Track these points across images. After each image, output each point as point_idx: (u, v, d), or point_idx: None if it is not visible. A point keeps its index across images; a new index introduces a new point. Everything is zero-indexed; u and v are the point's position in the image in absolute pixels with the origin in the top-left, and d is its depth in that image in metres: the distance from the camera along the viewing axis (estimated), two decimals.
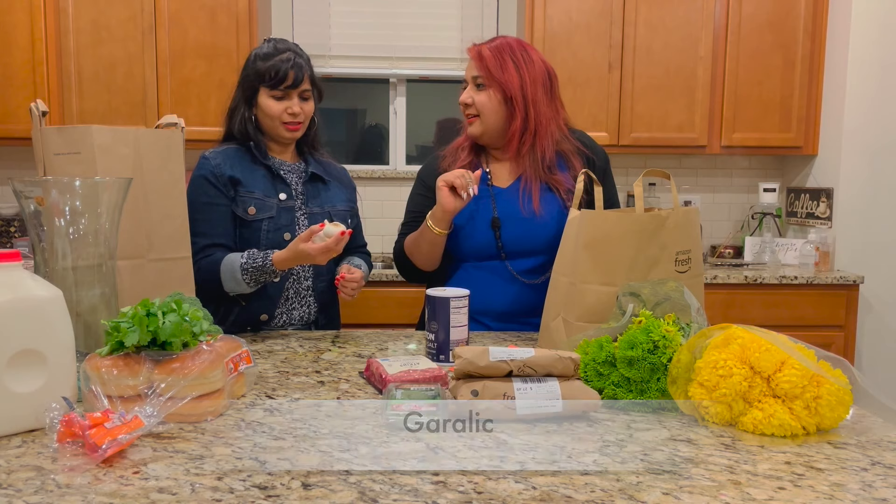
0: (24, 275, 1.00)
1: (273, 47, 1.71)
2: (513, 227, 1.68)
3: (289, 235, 1.71)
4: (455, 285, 1.72)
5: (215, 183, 1.69)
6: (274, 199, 1.72)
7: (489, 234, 1.69)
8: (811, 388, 0.99)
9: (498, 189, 1.73)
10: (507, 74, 1.65)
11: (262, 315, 1.73)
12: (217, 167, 1.70)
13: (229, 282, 1.63)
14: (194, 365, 1.00)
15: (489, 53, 1.66)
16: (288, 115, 1.70)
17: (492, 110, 1.67)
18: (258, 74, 1.70)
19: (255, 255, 1.62)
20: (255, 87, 1.71)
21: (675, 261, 1.34)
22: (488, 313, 1.71)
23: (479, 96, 1.68)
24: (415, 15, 3.57)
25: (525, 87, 1.66)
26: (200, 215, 1.66)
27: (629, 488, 0.82)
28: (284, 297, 1.75)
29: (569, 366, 1.06)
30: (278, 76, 1.67)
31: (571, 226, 1.38)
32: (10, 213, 3.26)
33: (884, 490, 0.83)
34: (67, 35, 3.02)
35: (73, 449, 0.89)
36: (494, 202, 1.71)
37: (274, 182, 1.74)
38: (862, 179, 3.19)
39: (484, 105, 1.67)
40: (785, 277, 3.00)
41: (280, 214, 1.72)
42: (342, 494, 0.79)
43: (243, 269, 1.61)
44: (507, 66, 1.65)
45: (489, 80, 1.66)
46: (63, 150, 1.32)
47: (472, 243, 1.70)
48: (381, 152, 3.71)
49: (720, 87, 3.27)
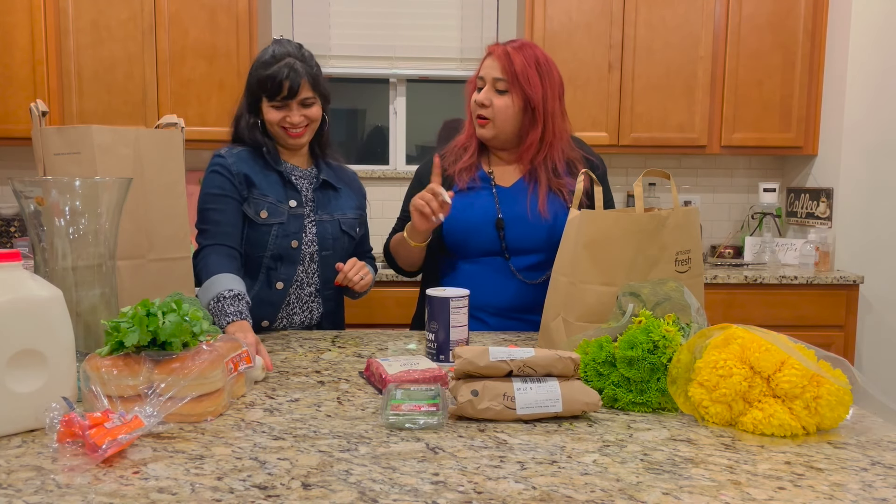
0: (24, 275, 1.00)
1: (272, 54, 1.67)
2: (517, 227, 1.69)
3: (296, 243, 1.71)
4: (452, 280, 1.74)
5: (230, 178, 1.67)
6: (285, 206, 1.70)
7: (493, 233, 1.70)
8: (811, 388, 0.99)
9: (501, 188, 1.73)
10: (534, 85, 1.64)
11: (262, 322, 1.73)
12: (234, 164, 1.68)
13: (201, 294, 1.57)
14: (194, 365, 1.00)
15: (519, 59, 1.64)
16: (287, 123, 1.68)
17: (509, 117, 1.67)
18: (258, 84, 1.68)
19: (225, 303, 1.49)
20: (257, 96, 1.70)
21: (675, 261, 1.34)
22: (486, 309, 1.71)
23: (499, 100, 1.66)
24: (415, 15, 3.58)
25: (546, 99, 1.66)
26: (213, 205, 1.65)
27: (629, 488, 0.82)
28: (285, 302, 1.74)
29: (569, 366, 1.06)
30: (273, 88, 1.65)
31: (571, 226, 1.38)
32: (10, 213, 3.26)
33: (884, 490, 0.83)
34: (67, 35, 3.02)
35: (73, 449, 0.89)
36: (498, 202, 1.71)
37: (285, 188, 1.72)
38: (862, 179, 3.19)
39: (502, 110, 1.67)
40: (785, 277, 3.00)
41: (290, 221, 1.70)
42: (342, 494, 0.79)
43: (215, 298, 1.50)
44: (534, 77, 1.64)
45: (513, 86, 1.65)
46: (63, 150, 1.32)
47: (476, 242, 1.71)
48: (381, 152, 3.71)
49: (720, 87, 3.27)
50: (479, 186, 1.74)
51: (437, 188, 1.56)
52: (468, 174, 1.74)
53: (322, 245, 1.75)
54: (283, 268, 1.71)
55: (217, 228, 1.64)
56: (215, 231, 1.64)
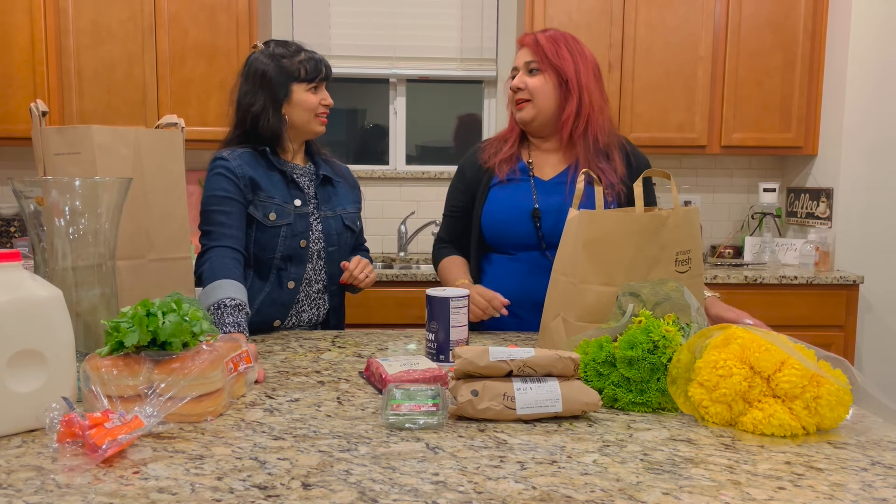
0: (24, 275, 1.00)
1: (289, 46, 1.74)
2: (554, 218, 1.70)
3: (304, 242, 1.72)
4: (491, 277, 1.77)
5: (235, 181, 1.66)
6: (290, 206, 1.71)
7: (530, 225, 1.70)
8: (811, 388, 0.99)
9: (539, 180, 1.75)
10: (563, 59, 1.70)
11: (274, 321, 1.73)
12: (238, 167, 1.67)
13: (202, 296, 1.55)
14: (194, 365, 1.00)
15: (545, 40, 1.72)
16: (323, 106, 1.74)
17: (546, 94, 1.71)
18: (289, 73, 1.69)
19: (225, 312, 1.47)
20: (286, 84, 1.70)
21: (675, 261, 1.34)
22: (524, 304, 1.71)
23: (533, 80, 1.72)
24: (415, 15, 3.57)
25: (579, 72, 1.71)
26: (218, 207, 1.63)
27: (629, 488, 0.82)
28: (296, 299, 1.75)
29: (569, 366, 1.06)
30: (312, 70, 1.71)
31: (571, 225, 1.38)
32: (10, 213, 3.26)
33: (884, 490, 0.83)
34: (67, 35, 3.02)
35: (73, 449, 0.89)
36: (536, 193, 1.73)
37: (289, 188, 1.73)
38: (862, 179, 3.19)
39: (538, 88, 1.71)
40: (785, 277, 3.00)
41: (297, 221, 1.71)
42: (342, 494, 0.79)
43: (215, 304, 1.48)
44: (563, 52, 1.71)
45: (544, 65, 1.71)
46: (63, 150, 1.32)
47: (512, 234, 1.72)
48: (381, 152, 3.71)
49: (720, 87, 3.27)
50: (518, 178, 1.76)
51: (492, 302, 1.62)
52: (508, 165, 1.77)
53: (328, 241, 1.77)
54: (293, 267, 1.72)
55: (222, 230, 1.63)
56: (220, 233, 1.63)
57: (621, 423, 1.05)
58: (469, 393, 1.03)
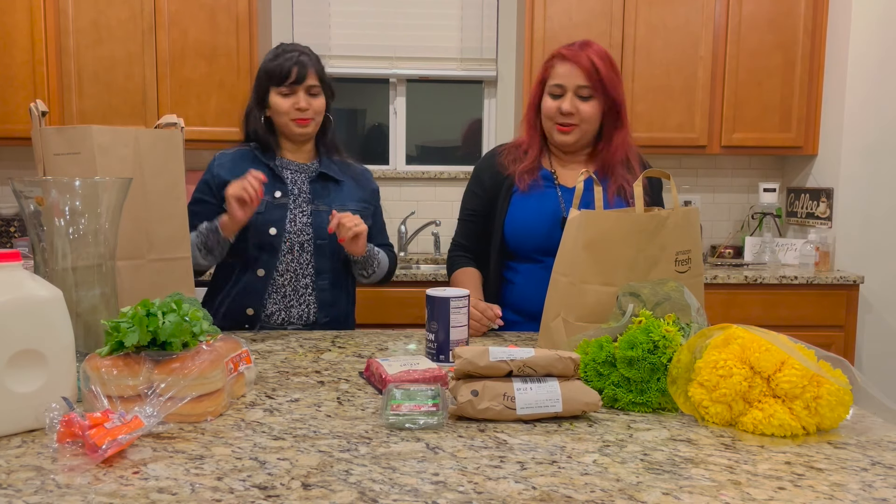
0: (24, 275, 1.00)
1: (281, 48, 1.79)
2: None
3: (274, 231, 1.75)
4: (522, 286, 1.75)
5: (210, 182, 1.80)
6: (266, 197, 1.74)
7: (557, 233, 1.68)
8: (811, 388, 0.99)
9: (564, 188, 1.75)
10: (617, 87, 1.69)
11: (247, 309, 1.76)
12: (219, 166, 1.81)
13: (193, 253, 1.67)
14: (194, 365, 1.00)
15: (603, 66, 1.66)
16: (295, 110, 1.75)
17: (595, 120, 1.71)
18: (266, 75, 1.78)
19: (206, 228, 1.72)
20: (265, 88, 1.78)
21: (675, 261, 1.34)
22: None
23: (586, 106, 1.68)
24: (415, 15, 3.57)
25: (624, 100, 1.71)
26: (192, 207, 1.73)
27: (629, 488, 0.82)
28: (281, 293, 1.76)
29: (569, 366, 1.06)
30: (282, 73, 1.74)
31: (571, 226, 1.38)
32: (10, 213, 3.26)
33: (884, 490, 0.83)
34: (67, 35, 3.02)
35: (73, 449, 0.89)
36: (563, 202, 1.73)
37: (273, 181, 1.79)
38: (862, 179, 3.19)
39: (590, 116, 1.69)
40: (785, 277, 3.00)
41: (269, 211, 1.75)
42: (342, 494, 0.79)
43: (197, 232, 1.71)
44: (616, 79, 1.69)
45: (597, 91, 1.67)
46: (63, 150, 1.32)
47: (539, 242, 1.72)
48: (381, 152, 3.71)
49: (720, 87, 3.27)
50: (542, 186, 1.75)
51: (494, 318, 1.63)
52: (530, 176, 1.75)
53: (317, 234, 1.78)
54: (266, 256, 1.76)
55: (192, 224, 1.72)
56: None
57: (621, 423, 1.05)
58: (469, 393, 1.03)
